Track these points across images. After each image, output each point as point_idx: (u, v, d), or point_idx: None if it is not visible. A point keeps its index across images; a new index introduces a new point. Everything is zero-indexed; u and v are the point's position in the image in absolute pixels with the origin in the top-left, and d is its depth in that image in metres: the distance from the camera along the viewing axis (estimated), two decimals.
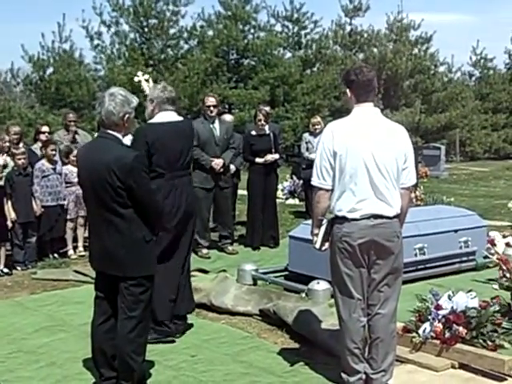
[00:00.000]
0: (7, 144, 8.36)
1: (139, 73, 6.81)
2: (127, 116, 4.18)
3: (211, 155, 8.53)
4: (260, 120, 9.08)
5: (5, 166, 7.96)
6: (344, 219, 4.26)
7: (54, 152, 8.48)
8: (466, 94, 27.50)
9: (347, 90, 4.41)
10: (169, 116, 5.55)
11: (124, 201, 4.07)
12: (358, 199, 4.22)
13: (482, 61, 29.33)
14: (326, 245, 4.43)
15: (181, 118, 5.80)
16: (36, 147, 9.09)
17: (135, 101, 4.27)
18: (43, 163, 8.42)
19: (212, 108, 8.62)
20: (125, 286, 4.15)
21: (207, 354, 5.17)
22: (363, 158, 4.21)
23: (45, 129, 9.47)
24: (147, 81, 6.46)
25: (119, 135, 4.20)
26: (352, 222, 4.23)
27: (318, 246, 4.44)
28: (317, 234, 4.44)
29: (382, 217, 4.24)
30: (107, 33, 21.47)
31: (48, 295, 6.94)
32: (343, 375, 4.39)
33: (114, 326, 4.25)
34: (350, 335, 4.34)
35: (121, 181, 4.02)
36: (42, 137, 9.18)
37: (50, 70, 21.13)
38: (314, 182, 4.35)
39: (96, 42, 21.38)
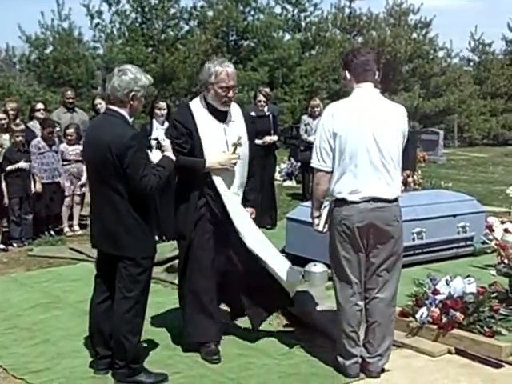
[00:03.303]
0: (3, 122, 8.34)
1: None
2: (133, 94, 4.08)
3: None
4: (260, 101, 9.03)
5: (0, 146, 7.95)
6: (343, 202, 4.22)
7: (50, 135, 8.43)
8: (465, 79, 27.43)
9: (346, 72, 4.37)
10: None
11: (124, 179, 4.02)
12: (358, 181, 4.18)
13: (481, 46, 29.21)
14: (327, 227, 4.40)
15: None
16: (32, 124, 9.05)
17: (146, 80, 4.14)
18: (39, 140, 8.37)
19: None
20: (123, 265, 4.13)
21: None
22: (364, 139, 4.16)
23: (39, 106, 9.43)
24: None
25: (124, 112, 4.11)
26: (351, 205, 4.19)
27: (320, 228, 4.42)
28: (317, 217, 4.42)
29: (381, 200, 4.20)
30: (108, 12, 21.33)
31: (44, 272, 6.93)
32: (339, 358, 4.38)
33: (113, 306, 4.24)
34: (346, 319, 4.32)
35: (118, 159, 3.97)
36: (38, 114, 9.14)
37: (49, 49, 21.00)
38: (314, 163, 4.31)
39: (96, 20, 21.24)
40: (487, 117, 27.56)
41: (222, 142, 4.63)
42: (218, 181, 4.59)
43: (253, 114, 9.11)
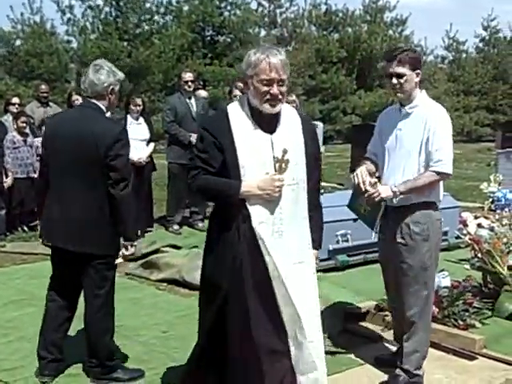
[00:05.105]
0: None
1: None
2: (112, 87, 4.09)
3: (188, 130, 8.48)
4: (236, 96, 8.99)
5: None
6: (437, 207, 4.28)
7: (24, 124, 8.33)
8: (439, 77, 27.67)
9: (419, 71, 4.08)
10: None
11: (103, 174, 3.96)
12: None
13: (455, 44, 29.52)
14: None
15: None
16: (6, 119, 8.94)
17: (121, 75, 4.20)
18: (14, 135, 8.27)
19: (190, 83, 8.63)
20: (91, 264, 4.06)
21: (179, 330, 5.14)
22: None
23: (15, 100, 9.29)
24: None
25: (102, 106, 4.10)
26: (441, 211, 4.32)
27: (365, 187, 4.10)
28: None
29: None
30: (80, 7, 21.11)
31: (17, 269, 6.87)
32: (424, 361, 4.21)
33: (70, 305, 4.24)
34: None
35: (104, 152, 3.92)
36: (13, 108, 9.02)
37: (18, 42, 20.75)
38: (450, 169, 4.06)
39: (68, 15, 20.98)
40: (461, 113, 27.81)
41: (267, 158, 3.39)
42: (256, 212, 3.37)
43: None
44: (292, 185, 3.42)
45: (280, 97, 3.40)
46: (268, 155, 3.39)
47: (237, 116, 3.45)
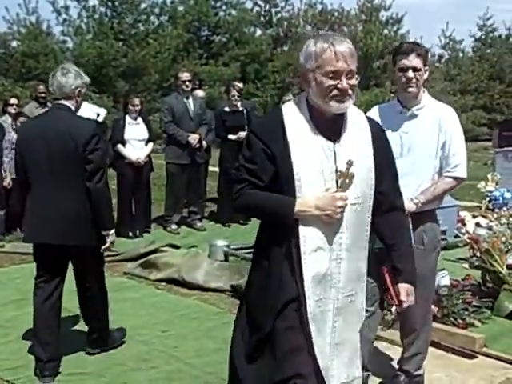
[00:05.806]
0: None
1: None
2: (79, 89, 4.27)
3: (186, 130, 8.51)
4: (234, 96, 9.02)
5: None
6: None
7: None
8: (435, 76, 27.70)
9: (428, 69, 3.88)
10: None
11: (83, 166, 4.12)
12: None
13: (451, 43, 29.59)
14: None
15: None
16: (4, 120, 8.93)
17: (87, 79, 4.38)
18: (13, 135, 8.25)
19: (187, 83, 8.63)
20: (87, 255, 4.26)
21: (179, 330, 5.16)
22: None
23: (13, 101, 9.28)
24: None
25: (72, 106, 4.27)
26: None
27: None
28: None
29: None
30: (75, 7, 21.09)
31: (16, 268, 6.87)
32: (422, 362, 4.13)
33: (58, 300, 4.33)
34: None
35: (84, 149, 4.08)
36: (11, 109, 9.01)
37: (14, 44, 20.74)
38: (466, 173, 3.97)
39: (63, 16, 20.97)
40: (457, 113, 27.62)
41: (328, 171, 2.77)
42: (311, 236, 2.75)
43: (226, 109, 9.13)
44: (356, 204, 2.80)
45: (350, 92, 2.77)
46: (329, 167, 2.76)
47: (293, 118, 2.81)
